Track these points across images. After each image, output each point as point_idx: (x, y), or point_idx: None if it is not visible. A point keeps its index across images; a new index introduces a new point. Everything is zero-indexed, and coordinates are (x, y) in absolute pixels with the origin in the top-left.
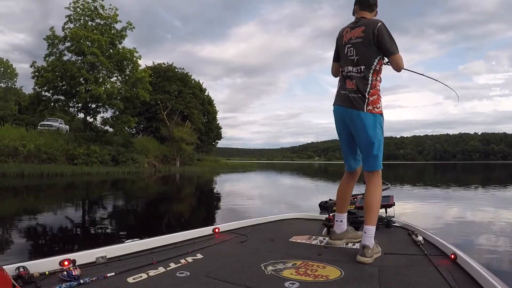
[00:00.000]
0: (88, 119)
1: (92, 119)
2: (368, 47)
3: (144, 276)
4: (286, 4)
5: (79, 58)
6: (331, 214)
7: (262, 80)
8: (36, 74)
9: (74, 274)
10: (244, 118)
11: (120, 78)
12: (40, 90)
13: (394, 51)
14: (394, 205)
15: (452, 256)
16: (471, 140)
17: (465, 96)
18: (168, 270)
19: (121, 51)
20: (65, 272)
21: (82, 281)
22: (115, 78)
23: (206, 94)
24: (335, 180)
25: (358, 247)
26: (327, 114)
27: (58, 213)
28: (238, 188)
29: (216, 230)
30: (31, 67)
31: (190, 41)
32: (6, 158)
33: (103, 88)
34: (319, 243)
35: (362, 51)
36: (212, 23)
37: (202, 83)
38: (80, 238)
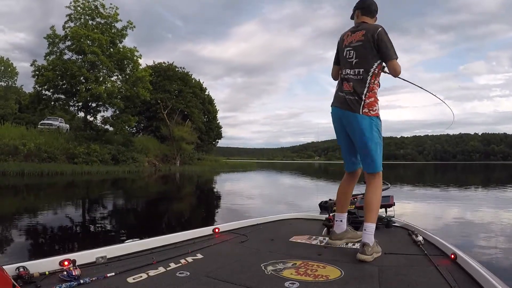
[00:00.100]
0: (89, 118)
1: (92, 118)
2: (368, 51)
3: (144, 276)
4: (286, 4)
5: (80, 57)
6: (331, 214)
7: (263, 79)
8: (37, 73)
9: (74, 274)
10: (245, 118)
11: (120, 77)
12: (40, 89)
13: (393, 56)
14: (394, 205)
15: (452, 256)
16: (471, 141)
17: (465, 97)
18: (168, 270)
19: (121, 50)
20: (65, 272)
21: (82, 281)
22: (115, 77)
23: (206, 93)
24: (335, 180)
25: (358, 247)
26: (327, 114)
27: (58, 212)
28: (238, 187)
29: (216, 230)
30: (32, 66)
31: (191, 40)
32: (6, 157)
33: (104, 87)
34: (319, 243)
35: (361, 54)
36: (213, 23)
37: (203, 83)
38: (80, 238)
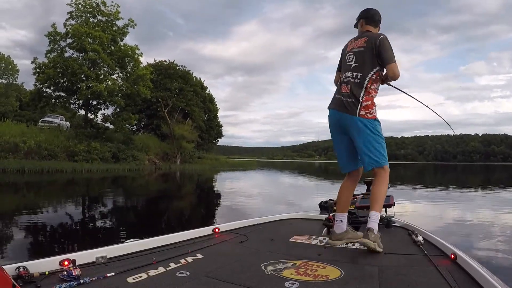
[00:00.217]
0: (89, 116)
1: (93, 116)
2: (368, 56)
3: (144, 276)
4: (288, 3)
5: (81, 54)
6: (331, 214)
7: (264, 78)
8: (37, 70)
9: (74, 274)
10: (245, 117)
11: (121, 75)
12: (41, 86)
13: (392, 60)
14: (394, 205)
15: (452, 256)
16: (471, 141)
17: (466, 97)
18: (168, 270)
19: (122, 48)
20: (65, 272)
21: (82, 281)
22: (116, 75)
23: (207, 92)
24: (335, 179)
25: (358, 247)
26: (328, 113)
27: (58, 210)
28: (238, 186)
29: (216, 230)
30: (33, 63)
31: (192, 38)
32: (7, 154)
33: (104, 85)
34: (319, 243)
35: (361, 58)
36: (214, 21)
37: (204, 81)
38: (80, 236)
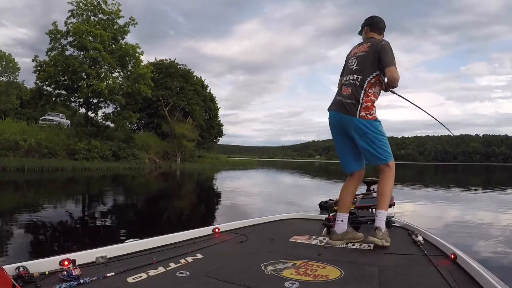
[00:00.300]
0: (90, 114)
1: (93, 114)
2: (370, 60)
3: (144, 276)
4: (289, 3)
5: (81, 53)
6: (331, 214)
7: (264, 77)
8: (38, 68)
9: (74, 274)
10: (246, 116)
11: (122, 73)
12: (42, 84)
13: (391, 63)
14: (394, 205)
15: (452, 256)
16: (472, 142)
17: (466, 98)
18: (168, 270)
19: (123, 46)
20: (65, 272)
21: (82, 281)
22: (117, 74)
23: (208, 91)
24: (335, 179)
25: (358, 247)
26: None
27: (58, 209)
28: (239, 185)
29: (216, 230)
30: (33, 61)
31: (193, 37)
32: (7, 152)
33: (105, 83)
34: (319, 243)
35: (363, 62)
36: (215, 20)
37: (204, 80)
38: (80, 235)
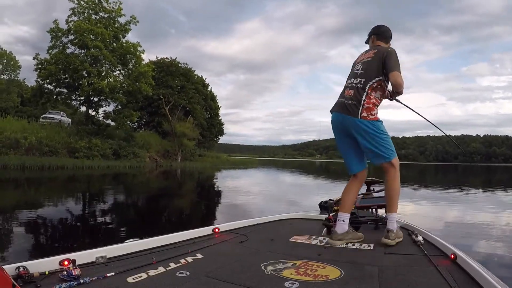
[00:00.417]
0: (90, 112)
1: (94, 112)
2: (374, 65)
3: (144, 276)
4: (290, 2)
5: (82, 51)
6: (331, 214)
7: (265, 77)
8: (39, 66)
9: (74, 274)
10: (247, 115)
11: (123, 72)
12: (42, 82)
13: (395, 68)
14: None
15: (452, 256)
16: (473, 142)
17: (467, 98)
18: (168, 270)
19: (124, 45)
20: (65, 272)
21: (82, 281)
22: (118, 72)
23: (209, 89)
24: (336, 178)
25: (358, 247)
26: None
27: (58, 207)
28: (239, 184)
29: (216, 230)
30: (34, 59)
31: (194, 36)
32: (7, 150)
33: (106, 82)
34: (319, 243)
35: (367, 67)
36: (216, 19)
37: (205, 79)
38: (80, 235)
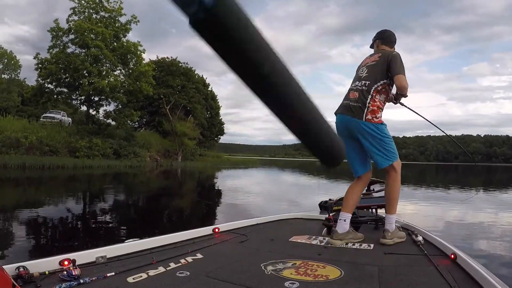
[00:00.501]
0: (91, 112)
1: (94, 112)
2: (379, 69)
3: (144, 276)
4: (291, 1)
5: (83, 50)
6: (331, 214)
7: None
8: (40, 66)
9: (74, 274)
10: (247, 115)
11: (123, 71)
12: (43, 82)
13: (400, 71)
14: None
15: (452, 256)
16: (473, 142)
17: (468, 98)
18: (168, 270)
19: (125, 44)
20: (65, 272)
21: (82, 281)
22: (118, 72)
23: (209, 89)
24: (336, 178)
25: (358, 247)
26: (330, 112)
27: (58, 207)
28: (239, 184)
29: (216, 230)
30: (35, 59)
31: (195, 36)
32: (8, 149)
33: (106, 81)
34: (319, 243)
35: (372, 71)
36: None
37: (206, 78)
38: (80, 235)
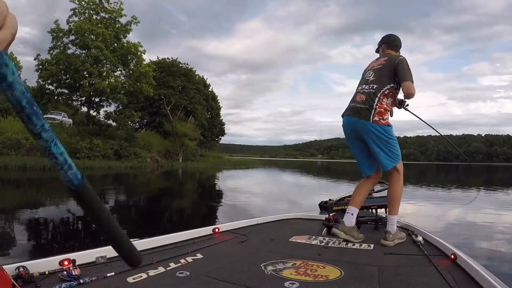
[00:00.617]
0: (92, 113)
1: (95, 113)
2: (386, 72)
3: (144, 276)
4: (291, 1)
5: (83, 51)
6: (331, 214)
7: (266, 76)
8: (40, 67)
9: (74, 274)
10: (248, 115)
11: (124, 72)
12: (43, 83)
13: (408, 78)
14: None
15: (452, 256)
16: (474, 142)
17: (468, 97)
18: (168, 270)
19: (125, 45)
20: (65, 272)
21: (82, 281)
22: (119, 72)
23: (210, 89)
24: (337, 178)
25: (358, 247)
26: (331, 112)
27: (59, 207)
28: (240, 184)
29: (216, 230)
30: (35, 60)
31: (195, 36)
32: (9, 150)
33: (107, 82)
34: (319, 243)
35: (379, 74)
36: (217, 19)
37: (206, 79)
38: (80, 234)
